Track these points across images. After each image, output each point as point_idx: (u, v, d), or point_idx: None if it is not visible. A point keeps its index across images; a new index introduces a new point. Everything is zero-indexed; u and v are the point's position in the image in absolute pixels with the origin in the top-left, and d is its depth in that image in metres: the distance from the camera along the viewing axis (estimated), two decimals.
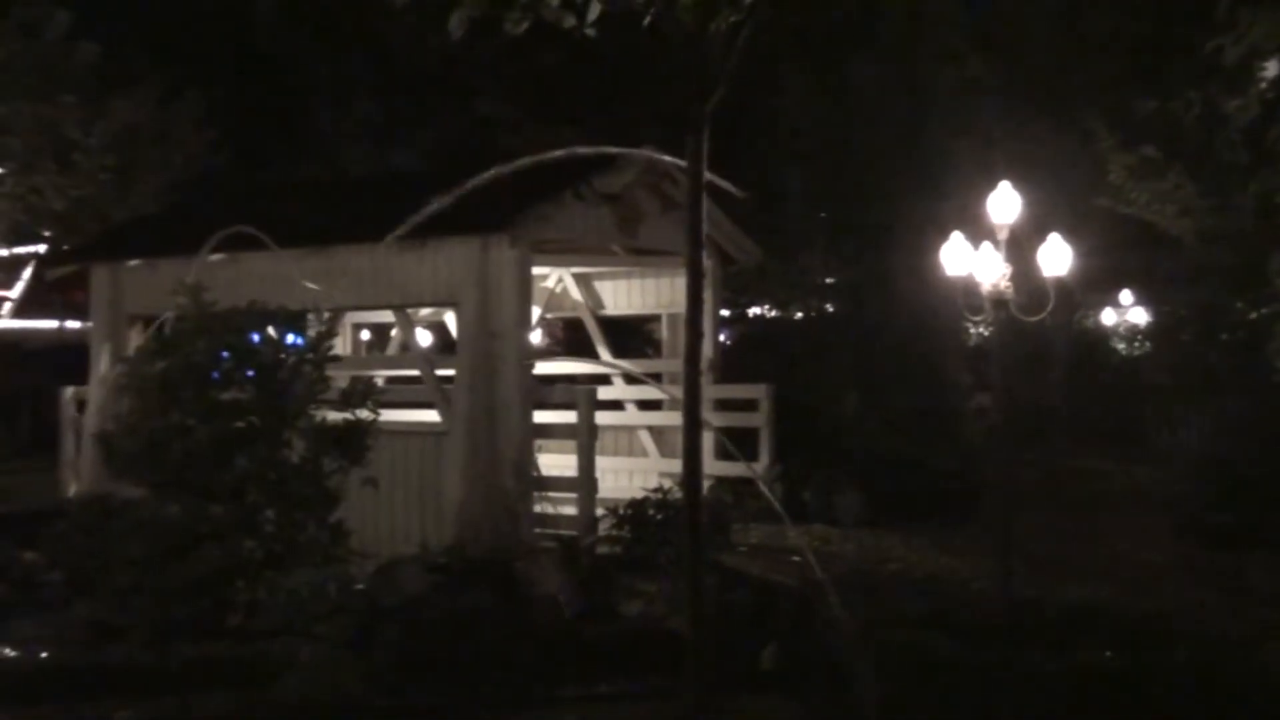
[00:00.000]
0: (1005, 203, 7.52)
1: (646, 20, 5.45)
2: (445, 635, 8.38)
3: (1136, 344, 24.07)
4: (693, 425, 5.35)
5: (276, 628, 7.58)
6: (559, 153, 10.10)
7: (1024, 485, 11.81)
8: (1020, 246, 7.56)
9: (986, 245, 7.57)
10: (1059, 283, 7.65)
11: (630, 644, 8.71)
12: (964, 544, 10.91)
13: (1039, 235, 7.71)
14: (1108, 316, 24.49)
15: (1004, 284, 7.45)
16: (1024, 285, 7.62)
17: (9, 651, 9.15)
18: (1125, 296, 23.89)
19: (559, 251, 12.71)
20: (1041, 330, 14.74)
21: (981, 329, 16.31)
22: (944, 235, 7.85)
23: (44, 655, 8.74)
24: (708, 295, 9.23)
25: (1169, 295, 18.42)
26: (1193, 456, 13.96)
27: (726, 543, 10.86)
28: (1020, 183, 7.69)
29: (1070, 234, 7.78)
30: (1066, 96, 17.00)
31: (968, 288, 7.56)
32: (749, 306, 21.23)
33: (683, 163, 5.81)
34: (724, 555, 10.34)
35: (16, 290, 21.81)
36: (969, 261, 7.61)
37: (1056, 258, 7.63)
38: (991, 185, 7.69)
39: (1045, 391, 19.09)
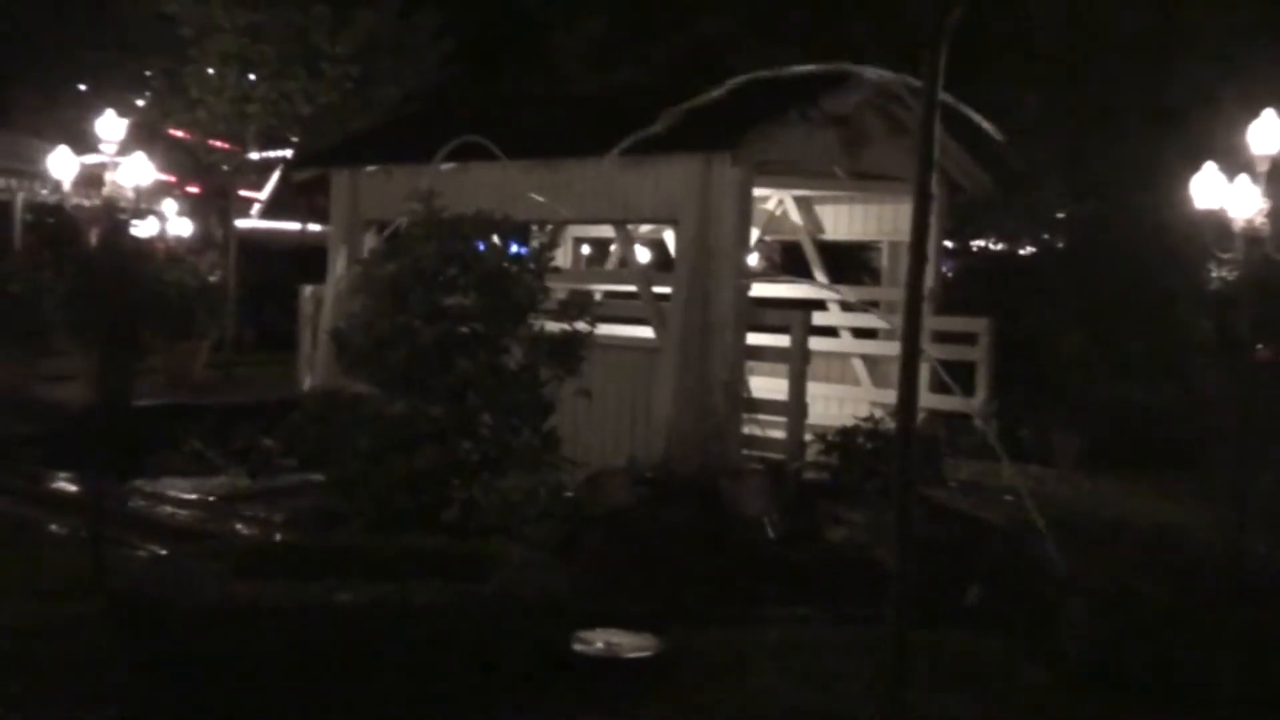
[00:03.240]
0: (1268, 132, 6.98)
1: None
2: (649, 546, 8.54)
3: None
4: (911, 353, 5.20)
5: (488, 526, 7.88)
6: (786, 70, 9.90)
7: (1264, 437, 11.13)
8: None
9: (1243, 178, 7.06)
10: None
11: (832, 570, 8.69)
12: (1188, 495, 10.38)
13: None
14: None
15: (1260, 220, 6.95)
16: None
17: (247, 530, 9.88)
18: None
19: (781, 173, 12.54)
20: None
21: (1224, 273, 15.28)
22: (1191, 170, 7.38)
23: (277, 537, 9.38)
24: (933, 223, 8.92)
25: None
26: None
27: (936, 476, 10.65)
28: None
29: None
30: None
31: (1218, 224, 7.09)
32: (973, 239, 20.52)
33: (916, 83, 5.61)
34: (933, 489, 10.16)
35: (266, 192, 23.12)
36: (1221, 195, 7.13)
37: None
38: (1249, 119, 7.15)
39: None
